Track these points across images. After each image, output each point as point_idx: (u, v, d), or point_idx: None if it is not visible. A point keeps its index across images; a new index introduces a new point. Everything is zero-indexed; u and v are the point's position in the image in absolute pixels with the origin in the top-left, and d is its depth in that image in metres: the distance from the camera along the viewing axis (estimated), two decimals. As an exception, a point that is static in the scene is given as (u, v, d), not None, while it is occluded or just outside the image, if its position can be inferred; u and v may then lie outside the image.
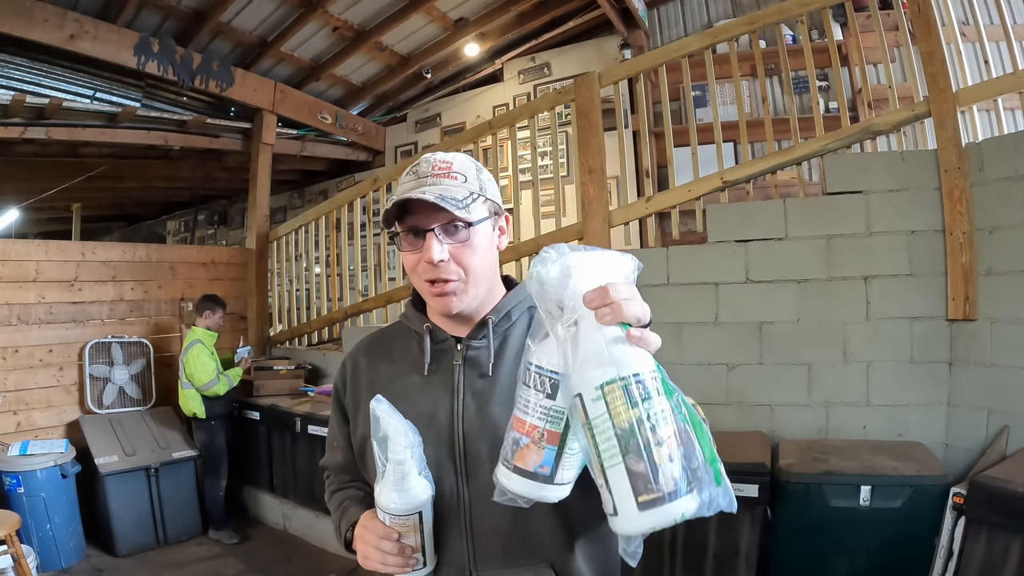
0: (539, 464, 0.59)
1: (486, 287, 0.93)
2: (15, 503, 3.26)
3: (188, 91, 4.61)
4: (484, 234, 0.91)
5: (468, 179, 0.90)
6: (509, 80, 5.50)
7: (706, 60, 3.07)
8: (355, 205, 4.50)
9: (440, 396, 0.91)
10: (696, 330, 2.89)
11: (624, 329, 0.57)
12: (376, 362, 1.01)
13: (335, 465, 1.07)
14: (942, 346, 2.52)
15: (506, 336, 0.94)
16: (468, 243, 0.89)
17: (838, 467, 2.17)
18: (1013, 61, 2.45)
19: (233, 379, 4.01)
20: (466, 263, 0.89)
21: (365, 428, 0.94)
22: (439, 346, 0.94)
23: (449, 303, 0.89)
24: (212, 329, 4.02)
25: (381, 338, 1.05)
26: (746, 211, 2.88)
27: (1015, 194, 2.31)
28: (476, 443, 0.87)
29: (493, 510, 0.81)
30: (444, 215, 0.86)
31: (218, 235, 7.79)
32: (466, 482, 0.88)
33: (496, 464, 0.71)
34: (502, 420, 0.83)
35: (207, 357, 3.88)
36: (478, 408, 0.89)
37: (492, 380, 0.91)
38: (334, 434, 1.06)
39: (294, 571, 3.45)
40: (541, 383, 0.59)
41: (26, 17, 3.55)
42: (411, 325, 0.99)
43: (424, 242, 0.87)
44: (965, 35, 2.89)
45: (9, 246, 3.92)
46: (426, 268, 0.88)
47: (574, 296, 0.57)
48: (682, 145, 3.22)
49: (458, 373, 0.92)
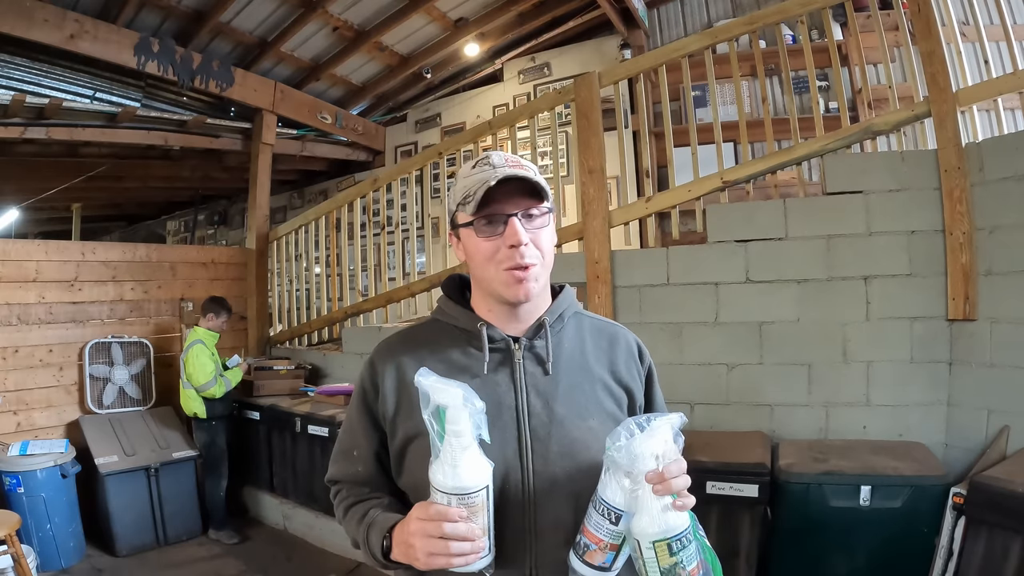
0: (603, 562, 0.81)
1: (547, 279, 0.95)
2: (15, 503, 3.26)
3: (188, 91, 4.61)
4: (552, 225, 0.93)
5: (536, 174, 0.91)
6: (509, 80, 5.50)
7: (706, 60, 3.07)
8: (355, 205, 4.50)
9: (503, 394, 0.90)
10: (696, 330, 2.89)
11: (673, 498, 0.78)
12: (420, 359, 0.93)
13: (351, 477, 0.99)
14: (942, 346, 2.52)
15: (560, 338, 0.96)
16: (546, 229, 0.91)
17: (838, 467, 2.17)
18: (1013, 61, 2.45)
19: (232, 381, 3.99)
20: (544, 248, 0.90)
21: (409, 430, 0.91)
22: (496, 344, 0.93)
23: (530, 288, 0.89)
24: (214, 331, 4.01)
25: (417, 335, 1.00)
26: (746, 211, 2.88)
27: (1015, 194, 2.31)
28: (544, 440, 0.88)
29: (557, 505, 0.86)
30: (524, 202, 0.89)
31: (218, 235, 7.79)
32: (532, 478, 0.87)
33: (564, 462, 0.87)
34: (566, 419, 0.90)
35: (207, 358, 3.87)
36: (544, 405, 0.90)
37: (553, 379, 0.92)
38: (355, 443, 0.98)
39: (294, 571, 3.45)
40: (608, 513, 0.79)
41: (26, 17, 3.55)
42: (456, 323, 0.96)
43: (505, 228, 0.88)
44: (965, 35, 2.89)
45: (9, 246, 3.92)
46: (508, 254, 0.87)
47: (638, 473, 0.78)
48: (682, 145, 3.22)
49: (519, 371, 0.92)
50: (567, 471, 0.87)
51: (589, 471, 0.85)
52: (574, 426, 0.90)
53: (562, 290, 1.01)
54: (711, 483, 2.20)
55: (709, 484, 2.19)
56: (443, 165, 4.18)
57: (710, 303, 2.87)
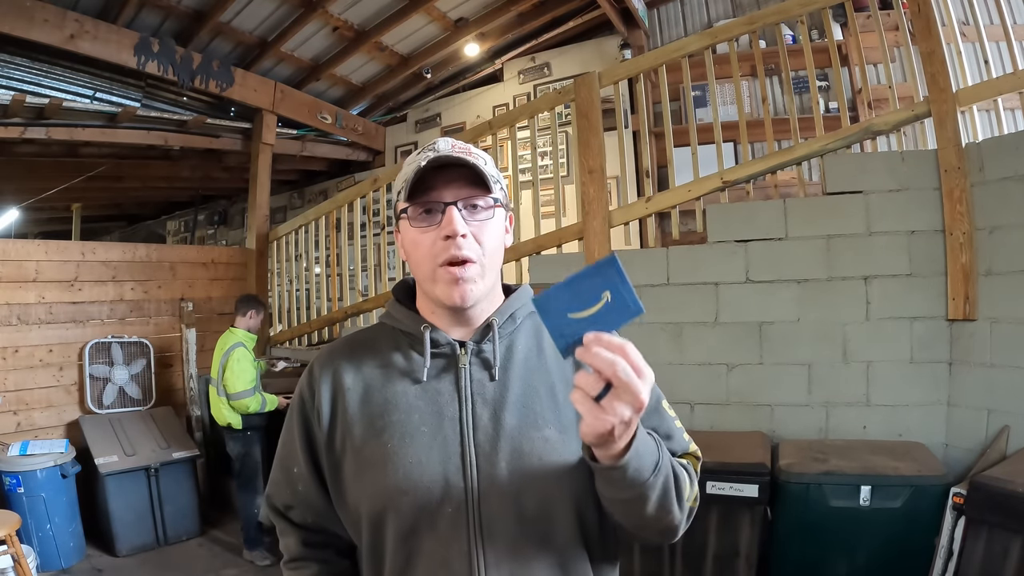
0: None
1: (492, 280, 0.85)
2: (15, 503, 3.26)
3: (188, 91, 4.61)
4: (500, 221, 0.85)
5: (487, 164, 0.84)
6: (509, 80, 5.50)
7: (706, 60, 3.07)
8: (355, 205, 4.50)
9: (444, 403, 0.82)
10: (696, 330, 2.89)
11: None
12: (358, 366, 0.87)
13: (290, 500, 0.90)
14: (942, 346, 2.52)
15: (512, 340, 0.86)
16: (489, 223, 0.82)
17: (838, 467, 2.17)
18: (1013, 61, 2.45)
19: (268, 403, 3.59)
20: (485, 243, 0.81)
21: (350, 438, 0.83)
22: (440, 349, 0.84)
23: (467, 291, 0.80)
24: (252, 331, 3.70)
25: (359, 340, 0.92)
26: (746, 211, 2.88)
27: (1015, 194, 2.31)
28: (491, 455, 0.78)
29: (506, 528, 0.77)
30: (466, 191, 0.81)
31: (218, 235, 7.79)
32: (477, 502, 0.77)
33: (513, 479, 0.76)
34: (516, 429, 0.79)
35: (249, 363, 3.54)
36: (491, 415, 0.80)
37: (502, 386, 0.82)
38: (293, 458, 0.88)
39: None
40: None
41: (26, 17, 3.54)
42: (400, 327, 0.88)
43: (443, 217, 0.79)
44: (965, 35, 2.89)
45: (9, 246, 3.92)
46: (443, 247, 0.79)
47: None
48: (682, 145, 3.22)
49: (465, 378, 0.83)
50: (516, 488, 0.77)
51: (543, 488, 0.77)
52: (525, 437, 0.79)
53: (517, 289, 0.92)
54: (711, 483, 2.20)
55: (709, 484, 2.20)
56: (443, 165, 4.17)
57: (710, 303, 2.87)
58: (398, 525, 0.78)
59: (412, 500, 0.77)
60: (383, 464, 0.79)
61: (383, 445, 0.80)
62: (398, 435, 0.80)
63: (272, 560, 3.48)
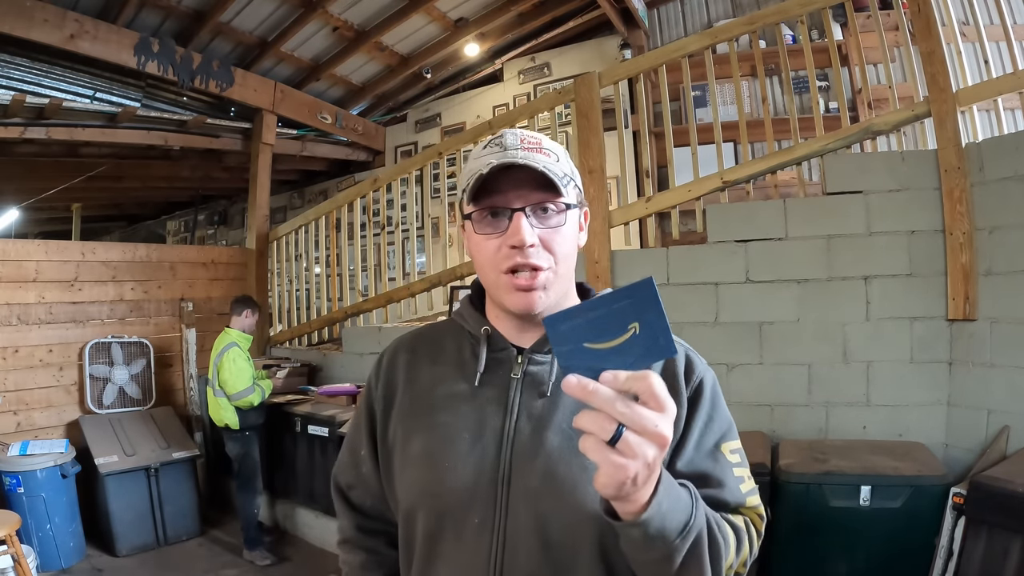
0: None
1: (565, 287, 0.79)
2: (15, 503, 3.26)
3: (188, 91, 4.61)
4: (573, 224, 0.79)
5: (560, 159, 0.77)
6: (509, 80, 5.50)
7: (706, 60, 3.07)
8: (355, 205, 4.50)
9: (490, 412, 0.78)
10: (696, 330, 2.89)
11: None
12: (419, 360, 0.87)
13: (355, 479, 0.94)
14: (942, 346, 2.52)
15: None
16: (561, 229, 0.76)
17: (838, 467, 2.17)
18: (1013, 61, 2.45)
19: (266, 390, 3.71)
20: (556, 249, 0.75)
21: (401, 431, 0.84)
22: (496, 355, 0.81)
23: (534, 299, 0.75)
24: (247, 332, 3.75)
25: (428, 335, 0.92)
26: (746, 211, 2.88)
27: (1015, 194, 2.31)
28: (525, 473, 0.74)
29: (528, 552, 0.73)
30: (535, 195, 0.75)
31: (218, 235, 7.79)
32: (504, 517, 0.74)
33: (542, 500, 0.72)
34: (559, 451, 0.75)
35: (244, 362, 3.59)
36: (532, 431, 0.76)
37: (552, 402, 0.77)
38: (359, 440, 0.91)
39: (294, 571, 3.45)
40: None
41: (26, 17, 3.55)
42: (466, 326, 0.86)
43: (509, 223, 0.74)
44: (965, 35, 2.89)
45: (9, 246, 3.92)
46: (508, 254, 0.74)
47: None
48: (682, 145, 3.22)
49: (514, 389, 0.79)
50: (544, 510, 0.73)
51: (571, 516, 0.72)
52: (563, 461, 0.74)
53: (594, 294, 0.85)
54: (711, 483, 2.20)
55: (709, 484, 2.19)
56: (443, 165, 4.18)
57: (710, 303, 2.87)
58: (426, 524, 0.79)
59: (441, 503, 0.77)
60: (421, 463, 0.80)
61: (425, 444, 0.80)
62: (440, 437, 0.80)
63: (272, 560, 3.50)
